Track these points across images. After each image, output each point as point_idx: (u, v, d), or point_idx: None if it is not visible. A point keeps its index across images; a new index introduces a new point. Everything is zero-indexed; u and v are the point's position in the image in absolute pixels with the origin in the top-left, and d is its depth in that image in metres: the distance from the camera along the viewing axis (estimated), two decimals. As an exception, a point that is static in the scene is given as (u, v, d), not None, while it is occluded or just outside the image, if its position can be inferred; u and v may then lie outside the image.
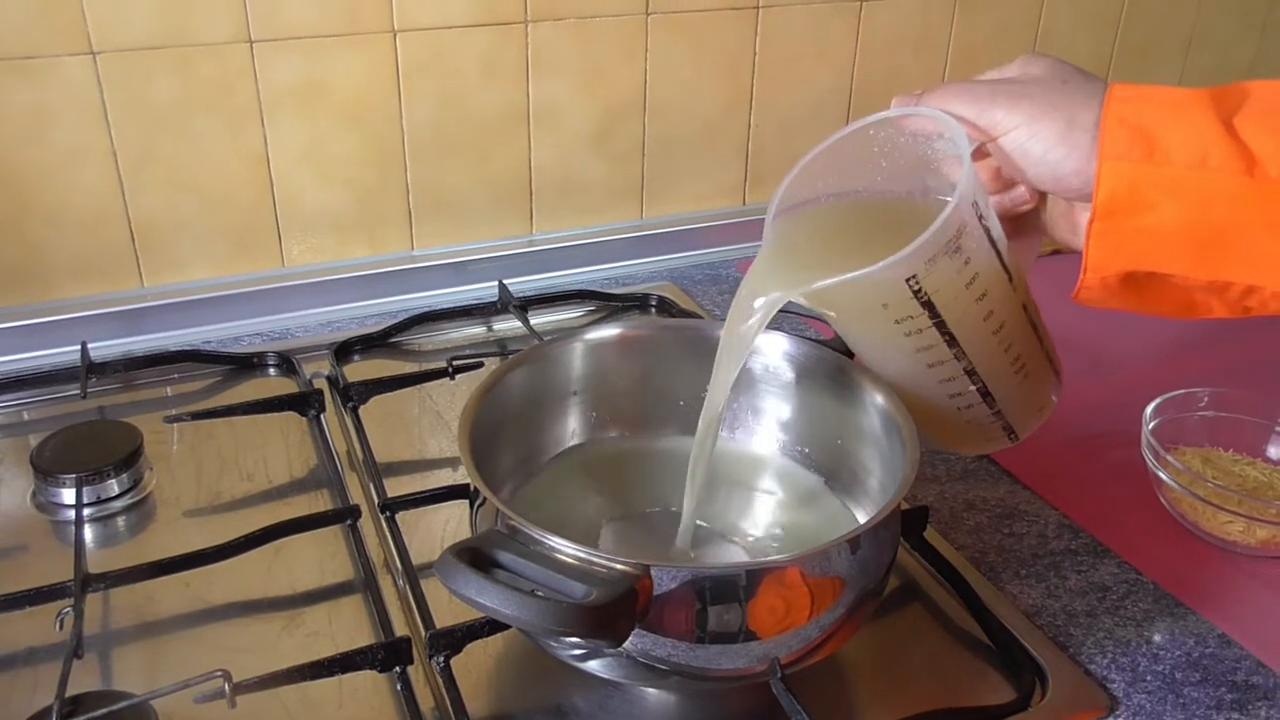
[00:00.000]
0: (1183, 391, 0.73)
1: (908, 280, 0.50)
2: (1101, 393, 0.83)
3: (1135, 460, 0.71)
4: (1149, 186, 0.44)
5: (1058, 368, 0.62)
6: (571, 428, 0.66)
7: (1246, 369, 0.85)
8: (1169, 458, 0.68)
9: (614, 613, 0.44)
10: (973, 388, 0.57)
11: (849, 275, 0.50)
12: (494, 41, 0.93)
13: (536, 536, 0.48)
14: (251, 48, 0.86)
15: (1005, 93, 0.50)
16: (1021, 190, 0.54)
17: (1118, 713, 0.56)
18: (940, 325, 0.53)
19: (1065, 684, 0.57)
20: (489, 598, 0.43)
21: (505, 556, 0.46)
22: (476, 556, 0.46)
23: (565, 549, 0.47)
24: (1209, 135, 0.43)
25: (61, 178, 0.85)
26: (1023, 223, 0.58)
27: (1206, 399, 0.74)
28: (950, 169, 0.55)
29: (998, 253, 0.53)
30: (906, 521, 0.65)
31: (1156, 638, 0.61)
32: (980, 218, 0.51)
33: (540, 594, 0.45)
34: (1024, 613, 0.62)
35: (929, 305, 0.52)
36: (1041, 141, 0.48)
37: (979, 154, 0.53)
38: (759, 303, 0.54)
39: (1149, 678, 0.58)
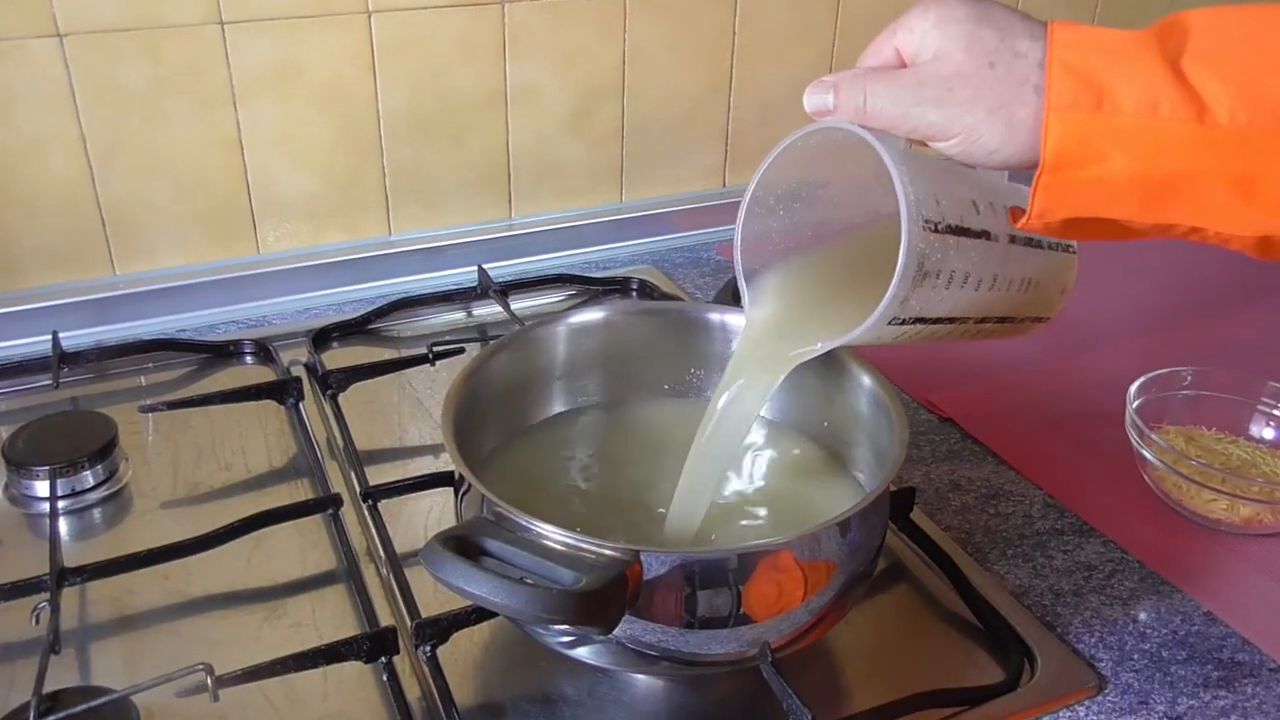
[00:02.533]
0: (1166, 370, 0.74)
1: (890, 322, 0.50)
2: (1085, 373, 0.83)
3: (1119, 439, 0.71)
4: (1098, 137, 0.42)
5: (1067, 245, 0.61)
6: (555, 412, 0.66)
7: (1229, 348, 0.86)
8: (1153, 436, 0.68)
9: (604, 599, 0.44)
10: (989, 324, 0.56)
11: (829, 345, 0.52)
12: (470, 22, 0.92)
13: (524, 523, 0.47)
14: (223, 29, 0.84)
15: (932, 98, 0.45)
16: None
17: (1106, 691, 0.56)
18: (938, 320, 0.52)
19: (1053, 664, 0.57)
20: (478, 586, 0.43)
21: (492, 544, 0.46)
22: (463, 544, 0.45)
23: (553, 535, 0.46)
24: (1158, 82, 0.42)
25: (29, 163, 0.83)
26: None
27: (1190, 378, 0.74)
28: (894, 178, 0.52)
29: (966, 231, 0.51)
30: (894, 503, 0.65)
31: (1143, 616, 0.61)
32: (937, 226, 0.48)
33: (529, 581, 0.44)
34: (1011, 593, 0.62)
35: (921, 319, 0.51)
36: (983, 147, 0.46)
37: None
38: (751, 386, 0.55)
39: (1136, 656, 0.58)
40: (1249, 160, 0.41)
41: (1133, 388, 0.72)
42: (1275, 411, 0.73)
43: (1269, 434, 0.73)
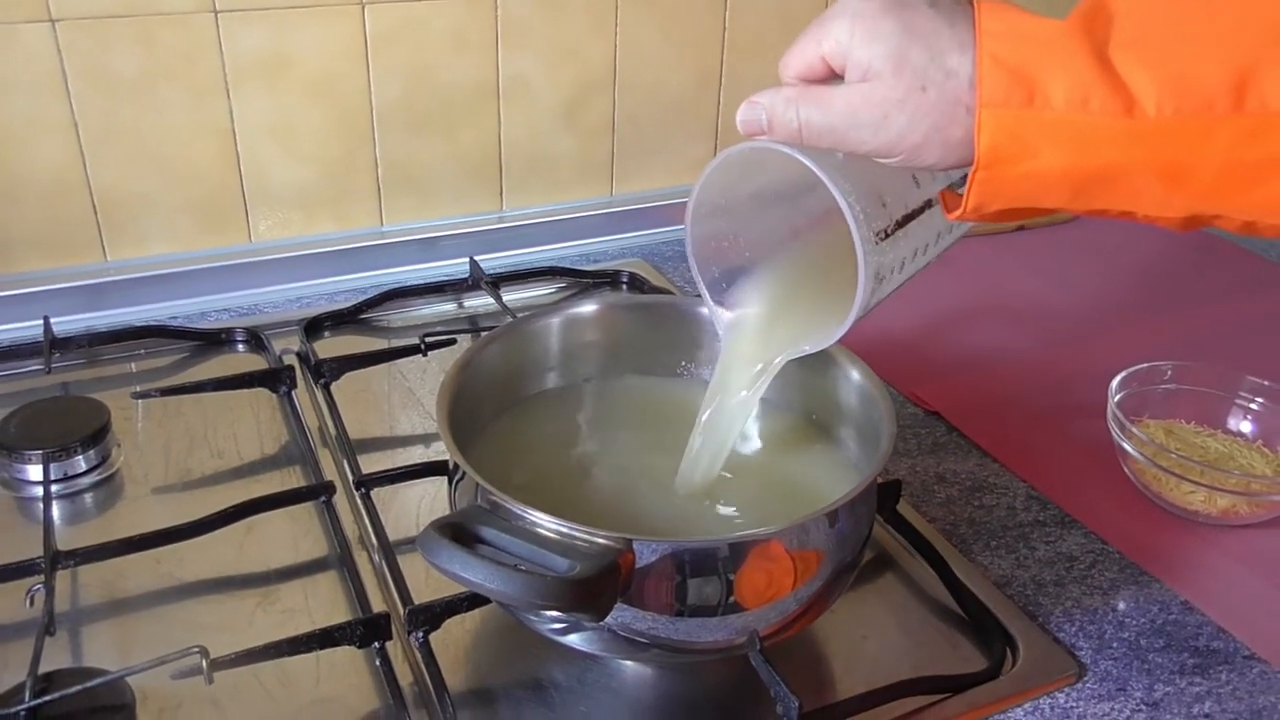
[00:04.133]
0: (1147, 365, 0.75)
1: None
2: (1068, 368, 0.84)
3: (1101, 433, 0.72)
4: (1031, 132, 0.43)
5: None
6: (548, 408, 0.66)
7: (1208, 344, 0.87)
8: (1133, 430, 0.69)
9: (597, 586, 0.45)
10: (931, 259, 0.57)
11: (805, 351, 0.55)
12: (464, 14, 0.92)
13: (518, 511, 0.48)
14: (216, 18, 0.84)
15: (868, 124, 0.44)
16: None
17: (1085, 679, 0.57)
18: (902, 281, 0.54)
19: (1035, 652, 0.58)
20: (473, 572, 0.43)
21: (487, 531, 0.46)
22: (459, 532, 0.46)
23: (547, 523, 0.47)
24: (1088, 75, 0.42)
25: (21, 149, 0.83)
26: None
27: (1170, 373, 0.75)
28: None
29: (912, 215, 0.51)
30: (880, 495, 0.65)
31: (1122, 605, 0.62)
32: (887, 231, 0.49)
33: (523, 568, 0.45)
34: (994, 583, 0.63)
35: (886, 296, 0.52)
36: (922, 162, 0.46)
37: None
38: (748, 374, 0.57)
39: (1115, 644, 0.60)
40: (1176, 151, 0.41)
41: (1114, 382, 0.73)
42: (1253, 405, 0.74)
43: (1246, 427, 0.74)
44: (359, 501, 0.66)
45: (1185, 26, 0.41)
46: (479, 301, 0.93)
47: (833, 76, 0.46)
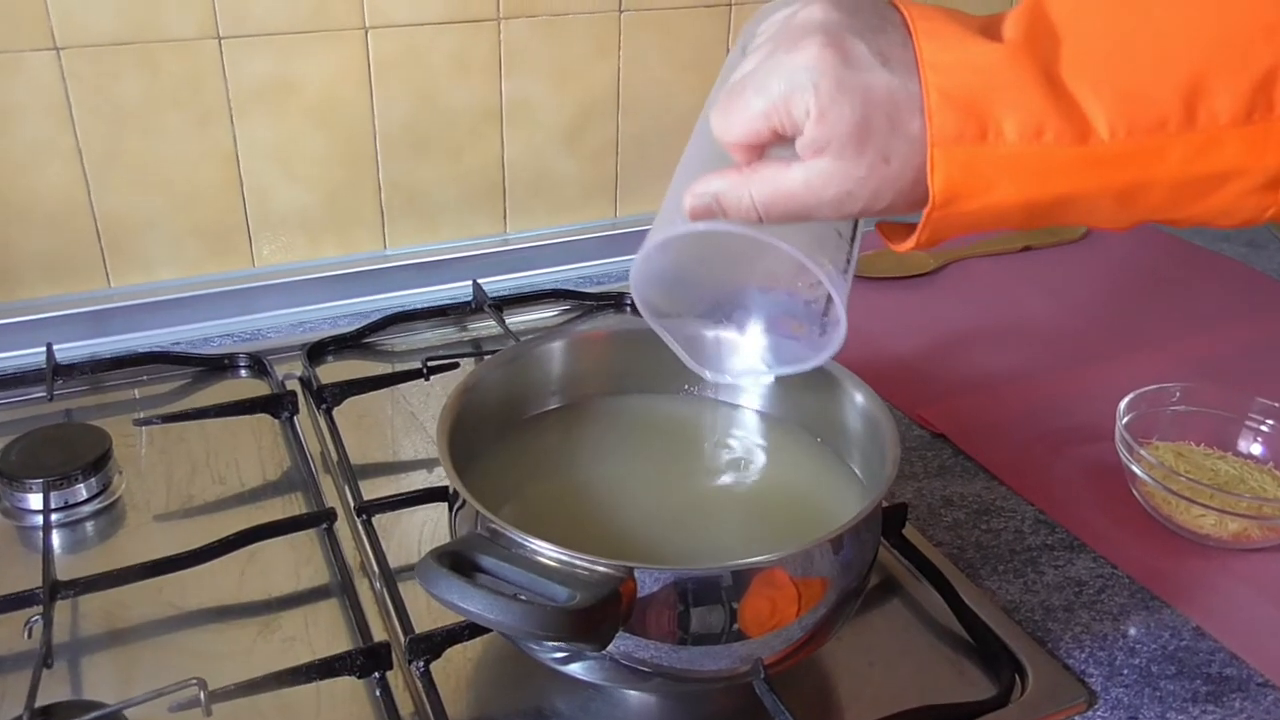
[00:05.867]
0: (1155, 387, 0.74)
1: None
2: (1075, 389, 0.84)
3: (1109, 455, 0.72)
4: (986, 167, 0.41)
5: None
6: (550, 427, 0.66)
7: (1217, 364, 0.87)
8: (1142, 452, 0.69)
9: (598, 616, 0.44)
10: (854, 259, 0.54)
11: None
12: (466, 38, 0.92)
13: (518, 540, 0.47)
14: (220, 44, 0.85)
15: (832, 203, 0.42)
16: None
17: (1097, 707, 0.56)
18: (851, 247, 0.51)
19: (1044, 679, 0.57)
20: (472, 603, 0.43)
21: (487, 560, 0.46)
22: (458, 560, 0.45)
23: (547, 551, 0.46)
24: (1040, 104, 0.40)
25: (25, 175, 0.83)
26: None
27: (1178, 394, 0.75)
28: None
29: (857, 227, 0.50)
30: (886, 519, 0.65)
31: (1132, 631, 0.61)
32: (849, 259, 0.48)
33: (523, 598, 0.44)
34: (1002, 608, 0.63)
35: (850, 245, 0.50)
36: (893, 214, 0.45)
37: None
38: None
39: (1126, 671, 0.59)
40: (1131, 173, 0.41)
41: (1122, 404, 0.72)
42: (1263, 427, 0.73)
43: (1257, 449, 0.73)
44: (360, 528, 0.65)
45: (1132, 43, 0.40)
46: (482, 325, 0.92)
47: (776, 139, 0.43)
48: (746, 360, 0.57)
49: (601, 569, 0.46)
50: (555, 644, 0.49)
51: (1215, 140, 0.40)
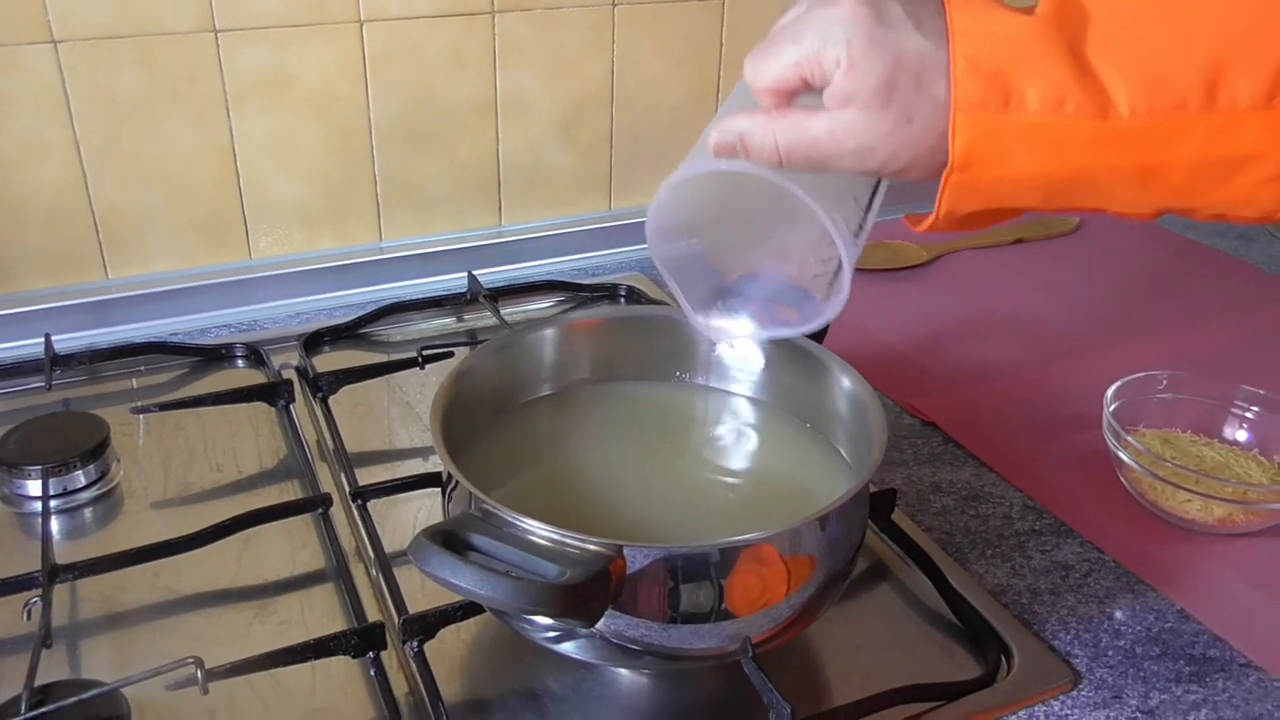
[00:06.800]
0: (1142, 374, 0.75)
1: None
2: (1064, 378, 0.85)
3: (1097, 442, 0.73)
4: (1006, 136, 0.42)
5: None
6: (542, 411, 0.67)
7: (1206, 355, 0.87)
8: (1129, 439, 0.69)
9: (587, 592, 0.45)
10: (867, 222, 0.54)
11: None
12: (461, 32, 0.93)
13: (510, 519, 0.48)
14: (216, 37, 0.85)
15: (852, 154, 0.44)
16: None
17: (1081, 687, 0.57)
18: (869, 208, 0.52)
19: (1030, 660, 0.58)
20: (463, 578, 0.44)
21: (479, 539, 0.47)
22: (450, 539, 0.46)
23: (538, 530, 0.47)
24: (1063, 76, 0.41)
25: (23, 168, 0.84)
26: None
27: (1165, 382, 0.75)
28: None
29: (875, 191, 0.51)
30: (875, 504, 0.66)
31: (1118, 614, 0.62)
32: (862, 225, 0.49)
33: (514, 574, 0.45)
34: (990, 592, 0.63)
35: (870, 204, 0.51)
36: (900, 178, 0.46)
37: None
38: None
39: (1110, 653, 0.59)
40: (1150, 151, 0.41)
41: (1110, 392, 0.73)
42: (1248, 414, 0.74)
43: (1242, 436, 0.74)
44: (355, 514, 0.66)
45: (1157, 23, 0.41)
46: (477, 316, 0.93)
47: (805, 88, 0.45)
48: (741, 321, 0.57)
49: (592, 547, 0.46)
50: (546, 621, 0.50)
51: (1235, 123, 0.41)
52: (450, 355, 0.80)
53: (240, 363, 0.85)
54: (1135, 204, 0.44)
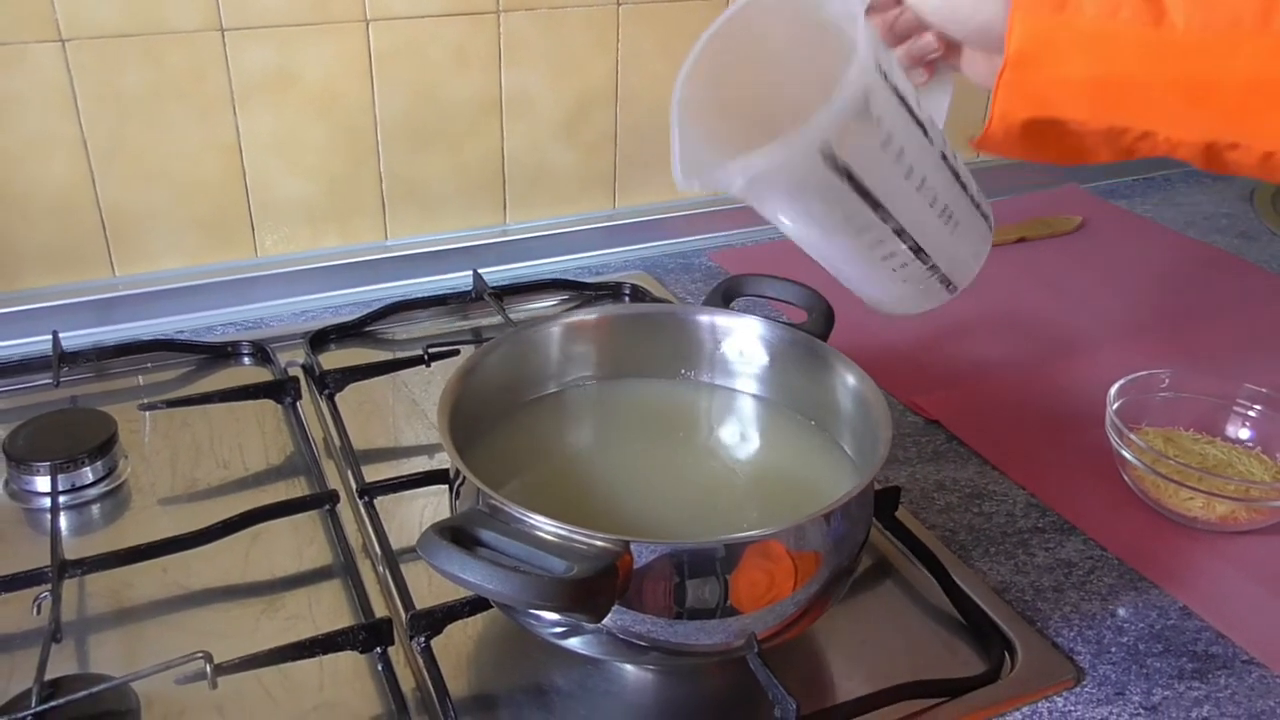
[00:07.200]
0: (1145, 373, 0.75)
1: (821, 152, 0.49)
2: (1067, 376, 0.85)
3: (1100, 440, 0.73)
4: (1059, 37, 0.44)
5: (985, 211, 0.60)
6: (548, 409, 0.67)
7: (1208, 353, 0.88)
8: (1132, 437, 0.70)
9: (594, 587, 0.45)
10: (904, 246, 0.56)
11: (761, 152, 0.49)
12: (466, 31, 0.93)
13: (517, 515, 0.48)
14: (223, 36, 0.86)
15: (932, 4, 0.48)
16: (928, 38, 0.54)
17: (1084, 683, 0.57)
18: (862, 191, 0.52)
19: (1034, 656, 0.59)
20: (471, 573, 0.44)
21: (487, 534, 0.47)
22: (458, 534, 0.46)
23: (545, 525, 0.47)
24: None
25: (30, 166, 0.84)
26: (933, 68, 0.57)
27: (1168, 380, 0.76)
28: (850, 28, 0.52)
29: (908, 109, 0.52)
30: (879, 501, 0.66)
31: (1121, 611, 0.62)
32: (885, 76, 0.50)
33: (522, 569, 0.45)
34: (993, 589, 0.64)
35: (847, 173, 0.51)
36: (958, 11, 0.48)
37: (873, 9, 0.53)
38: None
39: (1114, 649, 0.60)
40: (1201, 65, 0.42)
41: (1113, 390, 0.73)
42: (1250, 412, 0.74)
43: (1244, 434, 0.74)
44: (362, 510, 0.66)
45: None
46: (482, 314, 0.93)
47: None
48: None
49: (599, 542, 0.47)
50: (553, 617, 0.50)
51: None
52: (455, 353, 0.80)
53: (247, 360, 0.85)
54: (1184, 126, 0.44)
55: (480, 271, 0.94)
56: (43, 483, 0.68)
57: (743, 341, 0.66)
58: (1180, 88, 0.43)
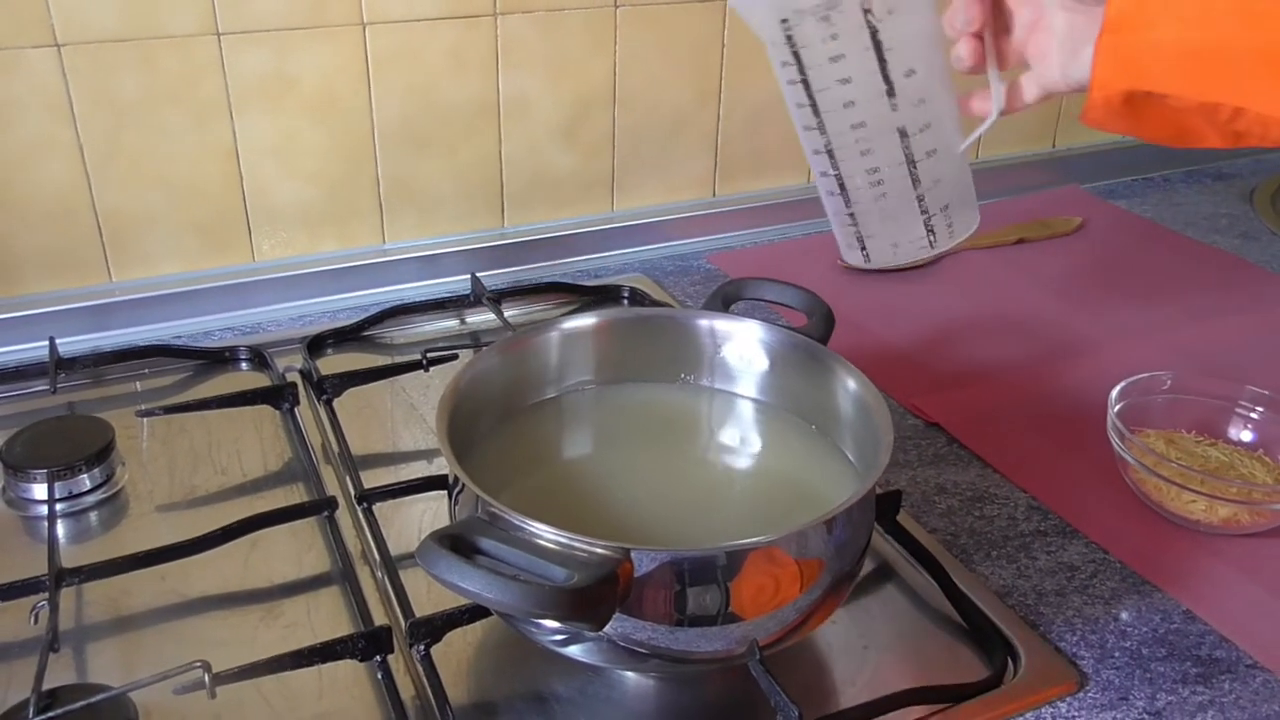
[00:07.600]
0: (1146, 375, 0.75)
1: (781, 21, 0.54)
2: (1068, 379, 0.85)
3: (1101, 443, 0.73)
4: (1153, 3, 0.46)
5: (931, 225, 0.62)
6: (548, 414, 0.67)
7: (1209, 354, 0.87)
8: (1134, 440, 0.69)
9: (595, 595, 0.45)
10: (833, 173, 0.59)
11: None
12: (463, 34, 0.93)
13: (517, 523, 0.48)
14: (219, 40, 0.85)
15: None
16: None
17: (1087, 688, 0.57)
18: (805, 85, 0.56)
19: (1037, 661, 0.58)
20: (471, 582, 0.44)
21: (486, 542, 0.47)
22: (458, 542, 0.46)
23: (545, 533, 0.47)
24: None
25: (27, 171, 0.84)
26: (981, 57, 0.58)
27: (1169, 382, 0.75)
28: None
29: (879, 56, 0.55)
30: (880, 506, 0.66)
31: (1124, 615, 0.62)
32: (866, 11, 0.53)
33: (522, 578, 0.45)
34: (996, 593, 0.63)
35: (797, 58, 0.55)
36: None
37: None
38: None
39: (1117, 654, 0.59)
40: None
41: (1114, 392, 0.73)
42: (1252, 415, 0.74)
43: (1246, 436, 0.74)
44: (361, 517, 0.66)
45: None
46: (481, 318, 0.93)
47: None
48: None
49: (599, 550, 0.46)
50: (554, 626, 0.50)
51: None
52: (454, 358, 0.80)
53: (244, 365, 0.85)
54: (1274, 99, 0.45)
55: (478, 275, 0.94)
56: (40, 490, 0.68)
57: (743, 345, 0.66)
58: (1266, 58, 0.44)
